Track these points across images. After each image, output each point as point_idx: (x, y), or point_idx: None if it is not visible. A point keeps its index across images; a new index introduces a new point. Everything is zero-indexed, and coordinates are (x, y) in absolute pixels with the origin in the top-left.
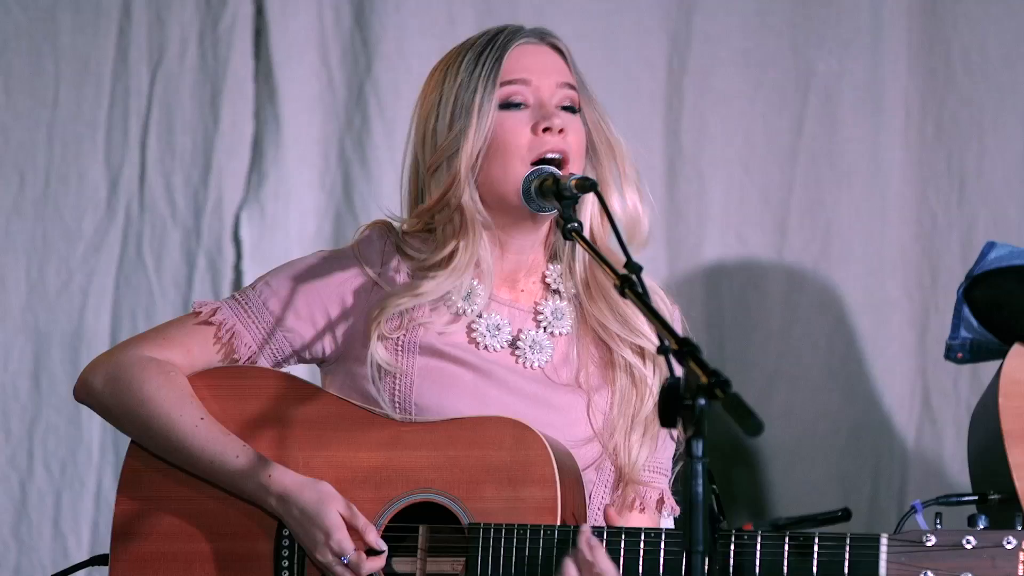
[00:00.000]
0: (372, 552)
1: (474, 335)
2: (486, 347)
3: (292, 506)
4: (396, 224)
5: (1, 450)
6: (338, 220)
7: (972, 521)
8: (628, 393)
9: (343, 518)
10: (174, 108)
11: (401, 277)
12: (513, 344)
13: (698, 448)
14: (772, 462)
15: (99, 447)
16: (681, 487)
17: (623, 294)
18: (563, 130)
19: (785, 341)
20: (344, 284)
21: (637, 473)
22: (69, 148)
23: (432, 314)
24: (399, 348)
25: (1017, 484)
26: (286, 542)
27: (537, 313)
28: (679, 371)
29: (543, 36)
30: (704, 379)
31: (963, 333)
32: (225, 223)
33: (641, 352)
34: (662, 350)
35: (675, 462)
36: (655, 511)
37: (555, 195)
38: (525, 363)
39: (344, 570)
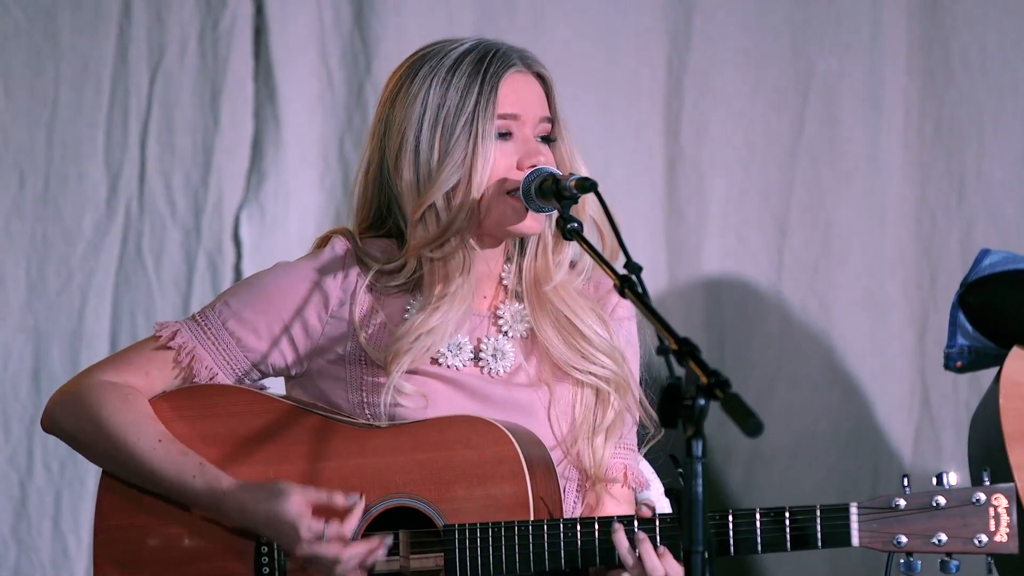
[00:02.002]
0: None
1: (438, 357)
2: (449, 366)
3: (254, 513)
4: (353, 230)
5: (1, 450)
6: (338, 220)
7: (940, 479)
8: (591, 403)
9: (307, 504)
10: (174, 108)
11: (362, 289)
12: (476, 357)
13: (698, 448)
14: (772, 462)
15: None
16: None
17: (623, 294)
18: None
19: (785, 341)
20: (304, 300)
21: (602, 472)
22: (69, 148)
23: None
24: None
25: (1019, 484)
26: (265, 559)
27: (497, 318)
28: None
29: (530, 65)
30: (704, 379)
31: (960, 340)
32: (225, 223)
33: (598, 375)
34: (662, 350)
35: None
36: (622, 487)
37: (555, 195)
38: (491, 372)
39: (329, 546)
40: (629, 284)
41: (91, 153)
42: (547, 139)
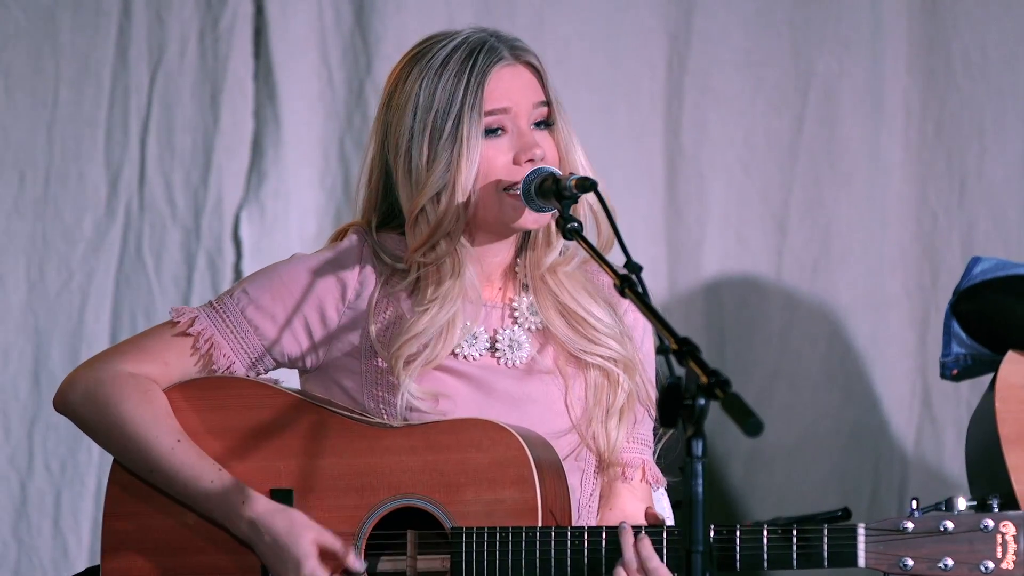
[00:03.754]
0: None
1: (454, 349)
2: (465, 357)
3: (264, 533)
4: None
5: (1, 450)
6: (338, 220)
7: (949, 504)
8: (601, 385)
9: (317, 546)
10: (174, 108)
11: (378, 282)
12: (492, 347)
13: (698, 448)
14: (772, 462)
15: (99, 446)
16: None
17: (623, 294)
18: (543, 158)
19: (785, 341)
20: (322, 292)
21: (616, 455)
22: (69, 148)
23: None
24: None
25: (1016, 487)
26: None
27: (512, 310)
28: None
29: (518, 55)
30: (704, 379)
31: (955, 349)
32: (225, 223)
33: (604, 356)
34: (662, 350)
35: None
36: (641, 482)
37: (555, 195)
38: (507, 362)
39: None
40: (629, 284)
41: (91, 153)
42: (547, 124)
